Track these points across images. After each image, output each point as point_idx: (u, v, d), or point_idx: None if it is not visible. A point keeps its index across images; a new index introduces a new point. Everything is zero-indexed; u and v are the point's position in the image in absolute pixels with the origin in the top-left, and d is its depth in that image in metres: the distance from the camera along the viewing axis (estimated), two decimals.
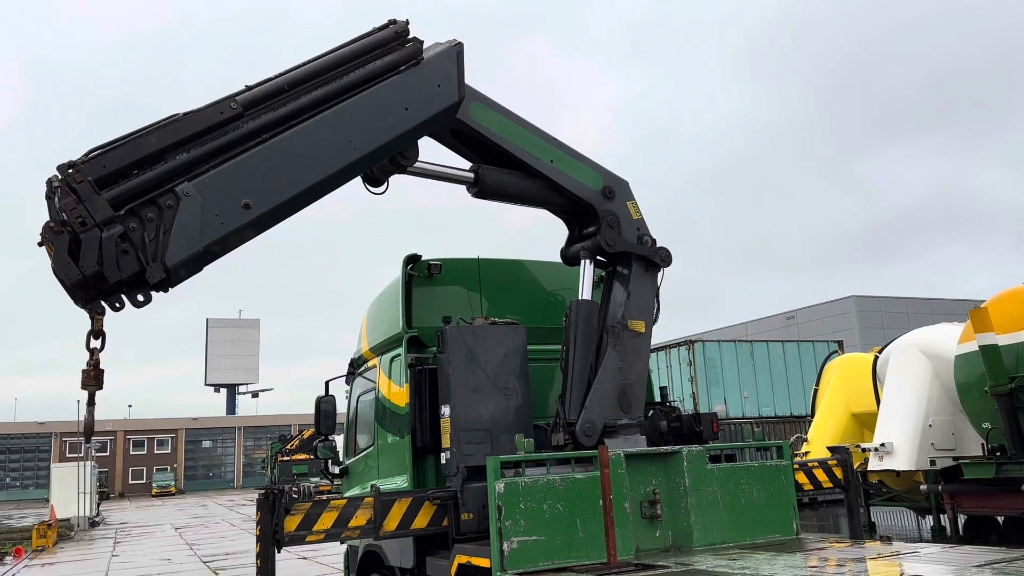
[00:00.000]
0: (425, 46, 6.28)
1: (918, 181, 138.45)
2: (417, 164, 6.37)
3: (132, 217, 4.99)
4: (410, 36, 6.15)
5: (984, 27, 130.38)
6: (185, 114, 5.31)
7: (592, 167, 6.83)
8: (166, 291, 5.20)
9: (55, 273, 4.83)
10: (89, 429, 5.28)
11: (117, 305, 5.08)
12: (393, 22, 6.15)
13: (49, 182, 4.93)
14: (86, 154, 5.02)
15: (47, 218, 4.88)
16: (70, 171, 4.90)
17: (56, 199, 4.84)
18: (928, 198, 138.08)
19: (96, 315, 5.05)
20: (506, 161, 6.62)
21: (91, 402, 5.25)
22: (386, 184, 6.40)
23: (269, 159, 5.42)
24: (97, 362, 5.13)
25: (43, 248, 4.88)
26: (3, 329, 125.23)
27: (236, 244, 5.45)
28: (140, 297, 5.09)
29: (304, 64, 5.82)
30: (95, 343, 5.10)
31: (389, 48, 6.03)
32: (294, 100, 5.62)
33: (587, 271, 6.81)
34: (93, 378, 5.13)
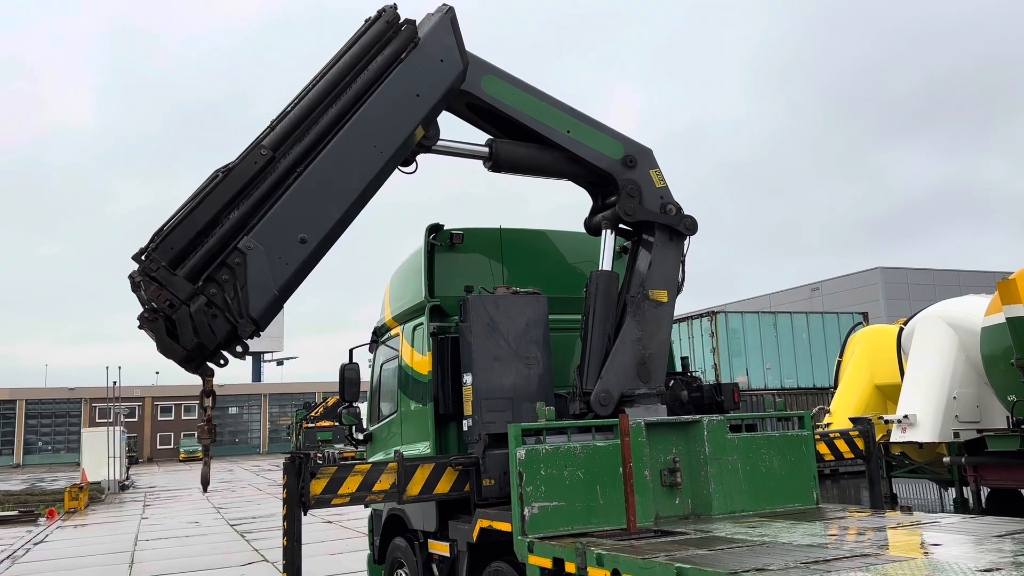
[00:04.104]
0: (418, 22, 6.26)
1: (925, 173, 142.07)
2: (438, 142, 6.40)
3: (211, 284, 5.31)
4: (402, 20, 6.16)
5: (978, 32, 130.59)
6: (224, 173, 5.54)
7: (613, 136, 6.77)
8: (259, 336, 5.53)
9: (163, 355, 5.24)
10: (206, 480, 5.79)
11: (221, 362, 5.47)
12: (383, 11, 6.16)
13: (131, 277, 5.28)
14: (152, 239, 5.34)
15: (140, 309, 5.27)
16: (144, 260, 5.25)
17: (142, 291, 5.22)
18: (936, 188, 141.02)
19: (206, 378, 5.45)
20: (524, 133, 6.59)
21: (207, 454, 5.71)
22: (415, 164, 6.44)
23: (309, 191, 5.65)
24: (210, 418, 5.56)
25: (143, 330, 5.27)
26: (58, 303, 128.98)
27: (305, 275, 5.70)
28: (239, 349, 5.49)
29: (314, 82, 5.94)
30: (207, 402, 5.54)
31: (386, 40, 6.07)
32: (315, 124, 5.78)
33: (608, 241, 6.79)
34: (207, 432, 5.59)
